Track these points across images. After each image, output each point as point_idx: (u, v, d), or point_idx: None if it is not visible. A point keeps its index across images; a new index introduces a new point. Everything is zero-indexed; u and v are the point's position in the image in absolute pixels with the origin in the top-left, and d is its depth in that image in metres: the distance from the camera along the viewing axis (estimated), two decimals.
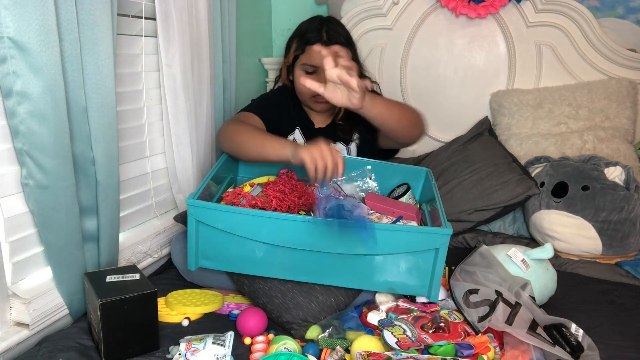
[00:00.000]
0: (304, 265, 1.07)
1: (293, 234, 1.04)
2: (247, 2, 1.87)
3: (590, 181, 1.44)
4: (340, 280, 1.10)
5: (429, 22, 1.93)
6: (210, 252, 1.09)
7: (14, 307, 1.00)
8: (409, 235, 1.06)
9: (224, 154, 1.30)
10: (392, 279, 1.09)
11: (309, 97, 1.42)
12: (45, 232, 0.99)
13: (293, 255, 1.06)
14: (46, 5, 0.87)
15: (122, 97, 1.24)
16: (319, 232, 1.04)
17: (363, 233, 1.01)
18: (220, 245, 1.07)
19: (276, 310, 1.09)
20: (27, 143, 0.91)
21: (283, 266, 1.08)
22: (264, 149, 1.19)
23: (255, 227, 1.04)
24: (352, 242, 1.04)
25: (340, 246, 1.05)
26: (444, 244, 1.05)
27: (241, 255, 1.08)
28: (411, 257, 1.07)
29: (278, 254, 1.07)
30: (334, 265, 1.07)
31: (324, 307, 1.09)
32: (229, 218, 1.04)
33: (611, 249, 1.42)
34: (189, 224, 1.06)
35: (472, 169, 1.66)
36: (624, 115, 1.71)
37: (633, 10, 1.79)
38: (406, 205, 1.33)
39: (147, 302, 0.96)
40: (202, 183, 1.12)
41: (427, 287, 1.10)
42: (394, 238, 1.05)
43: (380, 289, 1.13)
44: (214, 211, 1.04)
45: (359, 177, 1.42)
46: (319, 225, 1.03)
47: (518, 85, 1.88)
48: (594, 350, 0.96)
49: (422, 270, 1.08)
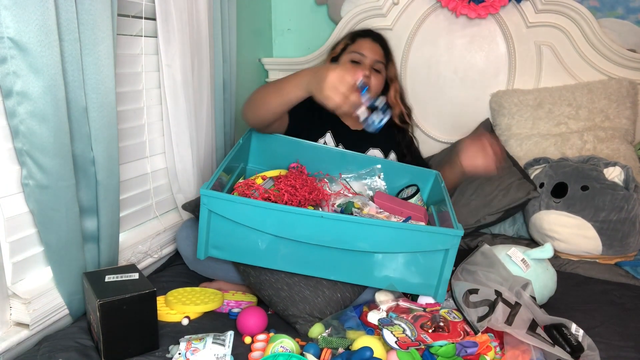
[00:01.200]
0: (313, 259, 1.08)
1: (305, 228, 1.04)
2: (247, 2, 1.87)
3: (589, 181, 1.44)
4: (349, 277, 1.10)
5: (429, 23, 1.93)
6: (220, 242, 1.09)
7: (14, 307, 1.00)
8: (420, 235, 1.06)
9: (236, 144, 1.30)
10: (399, 278, 1.09)
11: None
12: (45, 232, 0.99)
13: (303, 249, 1.07)
14: (46, 5, 0.87)
15: (122, 97, 1.24)
16: (332, 227, 1.04)
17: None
18: (230, 235, 1.07)
19: (282, 302, 1.09)
20: (27, 143, 0.91)
21: (292, 259, 1.08)
22: (281, 90, 1.14)
23: (267, 219, 1.04)
24: (364, 240, 1.05)
25: (352, 243, 1.05)
26: (454, 245, 1.05)
27: (251, 246, 1.08)
28: (420, 257, 1.07)
29: (288, 247, 1.07)
30: (343, 261, 1.08)
31: (330, 302, 1.09)
32: (242, 210, 1.04)
33: (611, 248, 1.42)
34: (201, 213, 1.05)
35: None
36: (623, 116, 1.71)
37: (633, 10, 1.79)
38: (414, 206, 1.33)
39: (147, 302, 0.96)
40: (216, 172, 1.11)
41: (434, 287, 1.10)
42: (405, 237, 1.06)
43: (388, 287, 1.13)
44: (228, 202, 1.04)
45: (368, 175, 1.43)
46: (332, 220, 1.04)
47: (518, 85, 1.88)
48: (594, 350, 0.96)
49: (431, 270, 1.08)
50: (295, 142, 1.42)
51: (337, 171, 1.42)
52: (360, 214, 1.20)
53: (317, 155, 1.41)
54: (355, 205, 1.23)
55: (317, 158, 1.41)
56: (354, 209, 1.21)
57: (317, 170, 1.40)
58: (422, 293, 1.12)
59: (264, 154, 1.43)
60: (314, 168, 1.40)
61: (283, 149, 1.40)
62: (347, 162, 1.43)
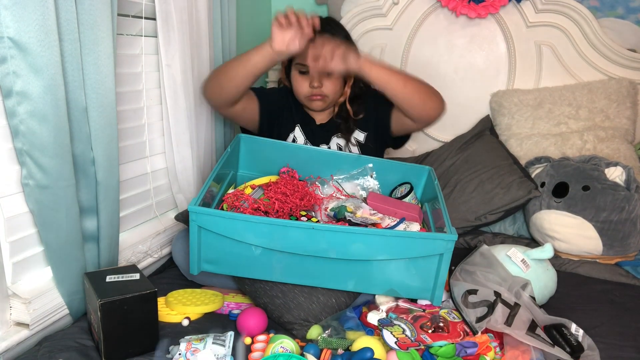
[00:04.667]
0: (306, 269, 1.07)
1: (297, 240, 1.04)
2: (247, 2, 1.87)
3: (590, 181, 1.44)
4: (344, 285, 1.10)
5: (429, 22, 1.92)
6: (212, 256, 1.09)
7: (14, 307, 1.00)
8: (413, 241, 1.05)
9: (224, 153, 1.30)
10: (395, 283, 1.09)
11: (305, 97, 1.43)
12: (45, 232, 0.99)
13: (296, 260, 1.06)
14: (46, 5, 0.87)
15: (122, 97, 1.24)
16: (323, 238, 1.03)
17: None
18: (222, 250, 1.07)
19: (277, 310, 1.09)
20: (27, 143, 0.91)
21: (286, 270, 1.08)
22: (247, 56, 1.26)
23: (258, 233, 1.04)
24: (357, 248, 1.04)
25: (344, 252, 1.05)
26: (449, 250, 1.05)
27: (243, 259, 1.07)
28: (415, 263, 1.07)
29: (281, 258, 1.06)
30: (336, 270, 1.07)
31: (325, 308, 1.09)
32: (231, 225, 1.04)
33: (611, 249, 1.42)
34: (191, 230, 1.05)
35: (473, 171, 1.66)
36: (624, 116, 1.71)
37: (633, 10, 1.79)
38: (408, 205, 1.32)
39: (147, 302, 0.96)
40: (203, 188, 1.11)
41: (430, 291, 1.10)
42: (397, 244, 1.05)
43: (385, 293, 1.13)
44: (217, 218, 1.04)
45: (360, 175, 1.42)
46: (322, 231, 1.03)
47: (518, 85, 1.88)
48: (594, 350, 0.96)
49: (426, 275, 1.08)
50: (285, 145, 1.42)
51: (329, 172, 1.42)
52: (354, 217, 1.20)
53: (308, 158, 1.40)
54: (348, 209, 1.22)
55: (307, 160, 1.40)
56: (346, 212, 1.21)
57: (308, 173, 1.39)
58: (418, 297, 1.12)
59: (253, 159, 1.43)
60: (305, 171, 1.39)
61: (273, 153, 1.40)
62: (338, 162, 1.42)
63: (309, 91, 1.40)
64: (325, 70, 1.25)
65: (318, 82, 1.38)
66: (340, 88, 1.44)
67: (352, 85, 1.45)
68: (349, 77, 1.44)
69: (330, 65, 1.22)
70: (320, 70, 1.26)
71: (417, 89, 1.32)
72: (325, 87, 1.40)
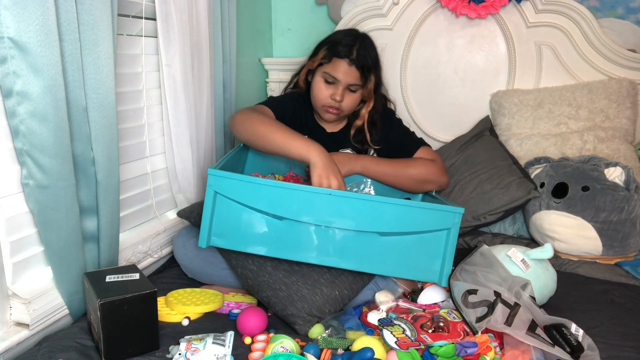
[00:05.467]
0: (318, 245, 1.08)
1: (315, 207, 1.06)
2: (247, 2, 1.87)
3: (590, 182, 1.44)
4: (354, 264, 1.11)
5: (429, 23, 1.93)
6: (224, 229, 1.08)
7: (14, 307, 1.00)
8: (422, 212, 1.07)
9: (237, 146, 1.30)
10: (403, 263, 1.10)
11: (321, 106, 1.43)
12: (45, 232, 0.99)
13: (308, 233, 1.07)
14: (46, 5, 0.87)
15: (122, 97, 1.25)
16: (340, 205, 1.05)
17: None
18: (235, 221, 1.07)
19: (280, 303, 1.09)
20: (27, 143, 0.91)
21: (297, 246, 1.08)
22: (287, 147, 1.19)
23: (278, 198, 1.04)
24: (372, 218, 1.06)
25: (359, 223, 1.07)
26: (456, 224, 1.06)
27: (255, 232, 1.07)
28: (423, 238, 1.08)
29: (293, 231, 1.07)
30: (348, 247, 1.08)
31: (328, 300, 1.09)
32: (251, 190, 1.03)
33: (611, 249, 1.42)
34: (207, 196, 1.05)
35: (472, 172, 1.66)
36: (624, 116, 1.71)
37: (633, 10, 1.79)
38: None
39: (147, 302, 0.96)
40: (224, 158, 1.12)
41: (437, 272, 1.10)
42: (407, 215, 1.06)
43: (390, 274, 1.13)
44: (237, 181, 1.03)
45: (357, 187, 1.44)
46: (339, 198, 1.05)
47: (518, 85, 1.88)
48: (594, 350, 0.95)
49: (434, 253, 1.09)
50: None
51: None
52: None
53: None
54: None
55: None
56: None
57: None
58: (426, 279, 1.12)
59: (260, 159, 1.46)
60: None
61: (278, 157, 1.41)
62: None
63: (329, 101, 1.40)
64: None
65: (341, 96, 1.39)
66: (357, 106, 1.47)
67: (371, 110, 1.47)
68: (369, 98, 1.46)
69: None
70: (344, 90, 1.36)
71: (415, 178, 1.41)
72: (344, 102, 1.41)
